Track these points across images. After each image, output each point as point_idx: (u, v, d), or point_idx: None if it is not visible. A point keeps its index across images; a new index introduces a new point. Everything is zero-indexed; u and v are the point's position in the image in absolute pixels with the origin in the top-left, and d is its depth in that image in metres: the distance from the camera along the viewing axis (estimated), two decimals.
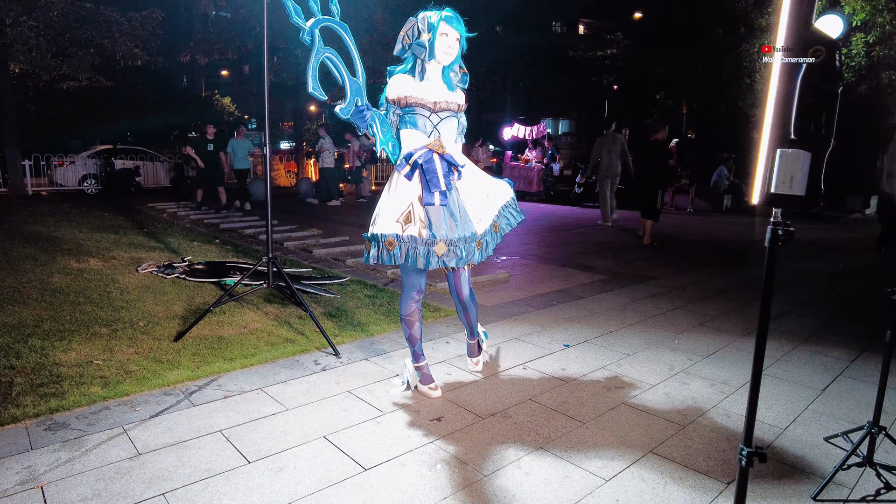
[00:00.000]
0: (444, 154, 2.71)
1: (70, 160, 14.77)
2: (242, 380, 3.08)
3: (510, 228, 2.97)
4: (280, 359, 3.39)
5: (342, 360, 3.40)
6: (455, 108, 2.75)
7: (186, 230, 8.29)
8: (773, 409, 2.90)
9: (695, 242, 8.64)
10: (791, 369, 3.44)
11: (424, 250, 2.64)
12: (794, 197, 1.23)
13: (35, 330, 3.60)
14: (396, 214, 2.68)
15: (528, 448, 2.44)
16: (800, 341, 3.97)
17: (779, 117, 1.22)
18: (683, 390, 3.10)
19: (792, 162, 1.20)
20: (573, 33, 31.25)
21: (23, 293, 4.36)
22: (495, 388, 3.09)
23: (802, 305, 4.96)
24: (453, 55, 2.68)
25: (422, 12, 2.66)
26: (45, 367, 3.07)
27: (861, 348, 3.84)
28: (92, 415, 2.63)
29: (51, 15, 10.72)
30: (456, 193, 2.78)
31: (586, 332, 4.06)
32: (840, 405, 2.97)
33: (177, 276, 5.12)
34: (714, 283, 5.74)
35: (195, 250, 6.53)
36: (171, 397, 2.84)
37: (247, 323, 3.97)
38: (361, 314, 4.30)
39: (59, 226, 7.77)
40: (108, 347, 3.40)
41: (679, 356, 3.63)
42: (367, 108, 2.68)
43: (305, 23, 2.66)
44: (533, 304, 4.76)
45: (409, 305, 2.89)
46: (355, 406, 2.81)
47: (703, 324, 4.34)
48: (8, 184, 12.63)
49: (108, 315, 3.98)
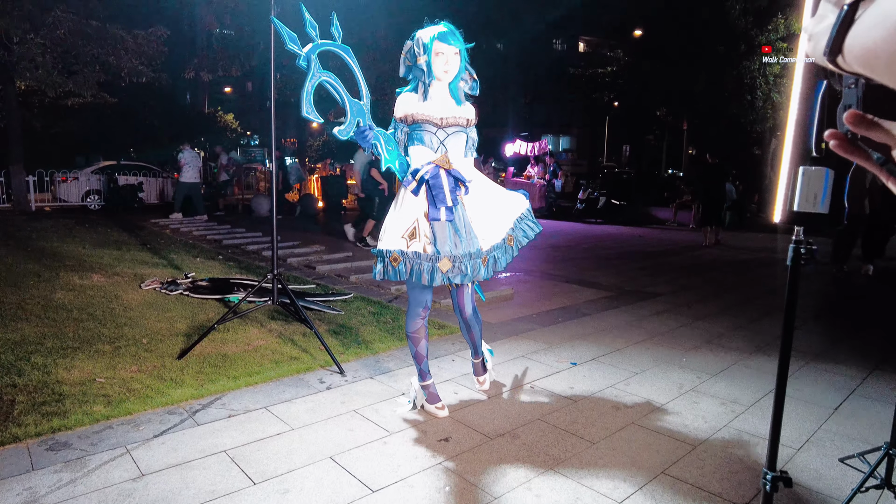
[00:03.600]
0: (450, 170, 2.70)
1: (74, 176, 14.81)
2: (247, 398, 3.04)
3: (527, 241, 2.92)
4: (285, 377, 3.35)
5: (347, 379, 3.36)
6: (463, 122, 2.73)
7: (189, 246, 8.27)
8: (785, 428, 2.84)
9: (700, 259, 8.61)
10: (802, 387, 3.40)
11: (429, 266, 2.62)
12: (817, 215, 1.22)
13: (38, 347, 3.57)
14: (402, 230, 2.67)
15: (538, 469, 2.39)
16: (809, 358, 3.92)
17: (800, 134, 1.21)
18: (693, 409, 3.06)
19: (815, 179, 1.18)
20: (574, 50, 31.52)
21: (26, 310, 4.33)
22: (503, 407, 3.04)
23: (809, 321, 4.92)
24: (454, 71, 2.65)
25: (418, 32, 2.64)
26: (48, 385, 3.03)
27: (871, 366, 3.80)
28: (94, 434, 2.59)
29: (58, 33, 10.79)
30: (462, 209, 2.76)
31: (593, 349, 4.02)
32: (854, 425, 2.92)
33: (180, 292, 5.09)
34: (719, 300, 5.70)
35: (198, 266, 6.51)
36: (175, 416, 2.80)
37: (251, 340, 3.94)
38: (366, 331, 4.26)
39: (62, 241, 7.76)
40: (111, 365, 3.36)
41: (687, 374, 3.58)
42: (370, 128, 2.67)
43: (301, 49, 2.65)
44: (538, 322, 4.72)
45: (415, 322, 2.86)
46: (361, 426, 2.77)
47: (711, 341, 4.30)
48: (12, 199, 12.65)
49: (112, 332, 3.95)
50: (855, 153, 0.54)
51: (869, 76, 0.47)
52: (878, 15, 0.43)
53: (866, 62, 0.45)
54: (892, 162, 0.52)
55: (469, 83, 2.77)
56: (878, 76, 0.45)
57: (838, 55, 0.49)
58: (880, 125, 0.51)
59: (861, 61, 0.46)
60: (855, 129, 0.52)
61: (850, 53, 0.47)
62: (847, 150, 0.54)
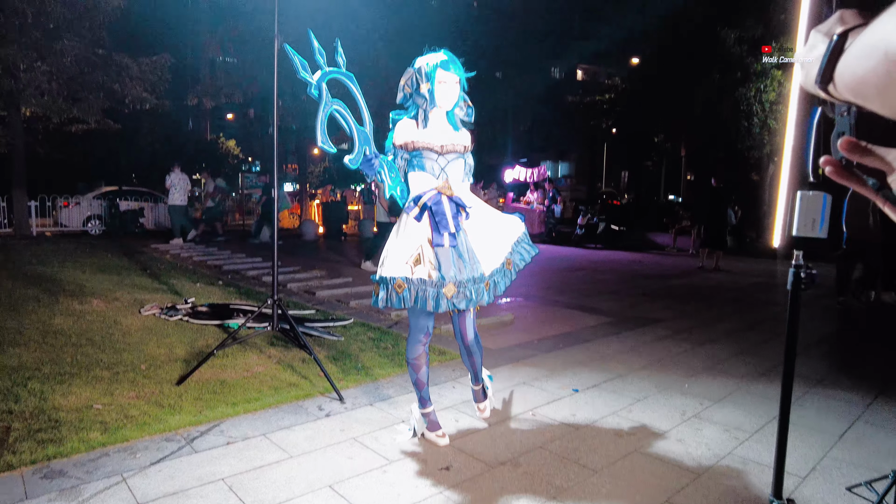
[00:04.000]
0: (452, 196, 2.71)
1: (75, 201, 14.90)
2: (245, 425, 3.00)
3: (524, 264, 2.92)
4: (284, 404, 3.32)
5: (346, 406, 3.33)
6: (461, 149, 2.76)
7: (189, 271, 8.27)
8: (791, 455, 2.80)
9: (700, 284, 8.60)
10: (806, 414, 3.36)
11: (434, 292, 2.61)
12: (816, 240, 1.22)
13: (35, 373, 3.54)
14: (406, 256, 2.66)
15: (540, 498, 2.35)
16: (812, 384, 3.89)
17: (797, 159, 1.22)
18: (696, 436, 3.02)
19: (813, 204, 1.19)
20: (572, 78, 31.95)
21: (24, 335, 4.31)
22: (504, 435, 3.01)
23: (811, 346, 4.89)
24: (454, 98, 2.69)
25: (418, 60, 2.67)
26: (44, 411, 3.00)
27: (875, 391, 3.77)
28: (90, 462, 2.55)
29: (65, 61, 10.97)
30: (464, 234, 2.77)
31: (595, 376, 3.99)
32: (860, 452, 2.88)
33: (180, 318, 5.07)
34: (720, 325, 5.68)
35: (198, 292, 6.50)
36: (173, 443, 2.76)
37: (250, 366, 3.91)
38: (366, 357, 4.24)
39: (62, 266, 7.76)
40: (108, 391, 3.33)
41: (690, 400, 3.55)
42: (375, 157, 2.69)
43: (312, 76, 2.67)
44: (539, 348, 4.70)
45: (416, 349, 2.84)
46: (361, 454, 2.74)
47: (713, 367, 4.27)
48: (13, 224, 12.70)
49: (110, 358, 3.92)
50: (850, 179, 0.54)
51: (860, 104, 0.48)
52: (866, 46, 0.44)
53: (856, 91, 0.46)
54: (888, 188, 0.53)
55: (465, 110, 2.80)
56: (868, 104, 0.46)
57: (829, 84, 0.50)
58: (874, 152, 0.51)
59: (851, 90, 0.47)
60: (849, 156, 0.53)
61: (841, 82, 0.48)
62: (843, 176, 0.55)
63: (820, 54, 0.51)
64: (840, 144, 0.52)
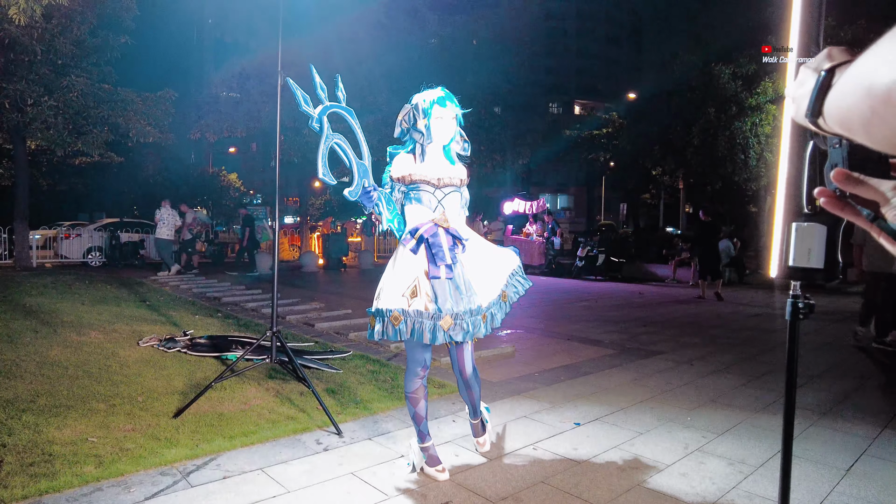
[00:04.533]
0: (448, 228, 2.74)
1: (76, 233, 14.97)
2: (242, 459, 2.96)
3: (518, 297, 2.94)
4: (281, 437, 3.27)
5: (345, 440, 3.29)
6: (457, 182, 2.80)
7: (188, 303, 8.25)
8: (797, 491, 2.76)
9: (701, 316, 8.57)
10: (811, 447, 3.32)
11: (430, 325, 2.60)
12: (812, 270, 1.23)
13: (30, 405, 3.50)
14: (402, 289, 2.67)
15: None
16: (817, 417, 3.85)
17: (791, 191, 1.24)
18: (700, 470, 2.97)
19: (808, 235, 1.20)
20: (570, 113, 32.47)
21: (20, 366, 4.28)
22: (505, 469, 2.96)
23: (815, 379, 4.85)
24: (451, 134, 2.74)
25: (415, 96, 2.73)
26: (38, 444, 2.96)
27: (882, 424, 3.72)
28: (83, 497, 2.50)
29: (71, 95, 11.17)
30: (461, 267, 2.78)
31: (597, 409, 3.95)
32: (868, 487, 2.83)
33: (178, 349, 5.04)
34: (722, 357, 5.64)
35: (197, 324, 6.47)
36: (168, 477, 2.72)
37: (248, 399, 3.87)
38: (364, 391, 4.20)
39: (61, 298, 7.75)
40: (104, 424, 3.29)
41: (693, 433, 3.50)
42: (374, 189, 2.72)
43: (314, 110, 2.73)
44: (540, 380, 4.66)
45: (414, 382, 2.82)
46: (359, 489, 2.69)
47: (715, 399, 4.23)
48: (13, 255, 12.72)
49: (107, 390, 3.88)
50: (845, 210, 0.55)
51: (848, 137, 0.49)
52: (852, 81, 0.46)
53: (843, 124, 0.48)
54: (882, 218, 0.54)
55: (461, 144, 2.85)
56: (855, 137, 0.47)
57: (819, 117, 0.52)
58: (867, 182, 0.53)
59: (839, 123, 0.49)
60: (843, 187, 0.54)
61: (830, 116, 0.50)
62: (837, 207, 0.56)
63: (809, 89, 0.53)
64: (833, 176, 0.54)
